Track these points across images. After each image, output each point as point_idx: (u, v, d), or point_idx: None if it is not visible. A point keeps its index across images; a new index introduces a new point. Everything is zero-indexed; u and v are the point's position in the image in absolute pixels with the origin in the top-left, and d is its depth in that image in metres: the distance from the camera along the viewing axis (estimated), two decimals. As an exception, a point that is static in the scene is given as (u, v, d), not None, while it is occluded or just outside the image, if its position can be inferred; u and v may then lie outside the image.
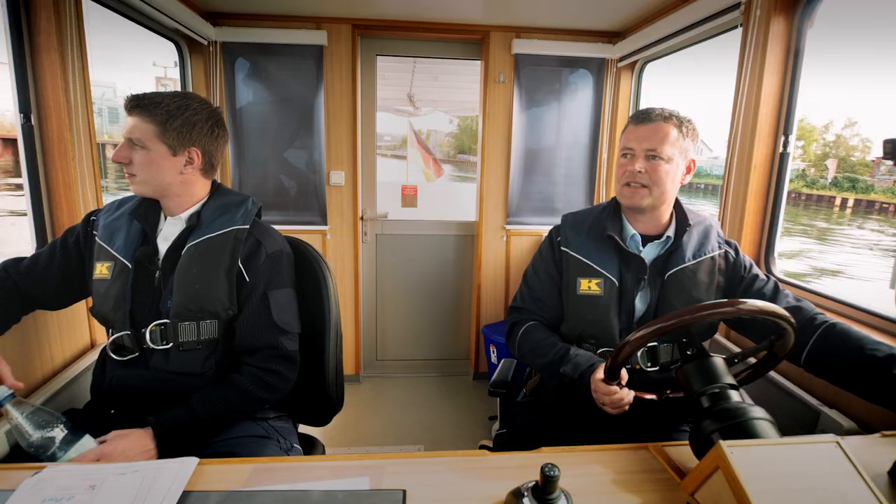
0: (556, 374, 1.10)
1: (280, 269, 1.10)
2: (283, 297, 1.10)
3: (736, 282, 1.15)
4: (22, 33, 1.28)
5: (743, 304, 0.80)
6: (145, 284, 1.06)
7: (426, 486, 0.72)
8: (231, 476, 0.74)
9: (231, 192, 1.15)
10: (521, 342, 1.20)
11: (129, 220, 1.08)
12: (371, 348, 2.92)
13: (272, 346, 1.05)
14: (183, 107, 1.02)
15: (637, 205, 1.13)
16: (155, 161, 1.02)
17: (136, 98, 1.01)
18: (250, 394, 1.03)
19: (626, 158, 1.14)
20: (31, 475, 0.71)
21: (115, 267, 1.05)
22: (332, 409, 1.25)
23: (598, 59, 2.53)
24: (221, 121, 1.10)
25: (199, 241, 1.05)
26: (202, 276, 1.03)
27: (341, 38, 2.42)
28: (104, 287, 1.05)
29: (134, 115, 1.01)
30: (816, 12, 1.48)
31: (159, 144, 1.01)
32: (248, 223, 1.09)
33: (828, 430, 1.14)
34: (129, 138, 1.01)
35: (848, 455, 0.65)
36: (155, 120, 1.00)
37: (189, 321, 1.02)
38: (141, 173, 1.02)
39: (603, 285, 1.14)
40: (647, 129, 1.11)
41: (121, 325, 1.04)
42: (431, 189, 4.84)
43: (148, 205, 1.10)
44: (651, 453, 0.82)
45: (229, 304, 1.05)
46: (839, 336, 0.96)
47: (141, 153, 1.01)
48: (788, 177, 1.57)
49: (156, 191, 1.05)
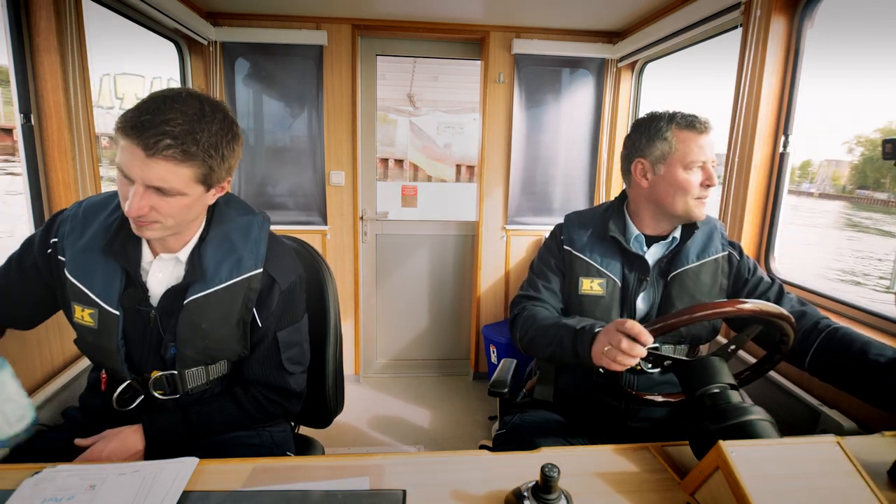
0: (554, 331, 1.04)
1: (293, 303, 1.02)
2: (294, 334, 1.03)
3: (740, 284, 1.14)
4: (22, 33, 1.28)
5: (744, 304, 0.81)
6: (139, 325, 0.93)
7: (426, 486, 0.72)
8: (231, 476, 0.74)
9: (231, 210, 0.99)
10: (527, 319, 1.14)
11: (105, 259, 0.89)
12: (371, 348, 2.92)
13: (280, 386, 1.02)
14: (220, 129, 0.82)
15: (704, 217, 1.12)
16: (190, 206, 0.84)
17: (159, 130, 0.75)
18: (248, 414, 1.00)
19: (699, 172, 1.07)
20: (31, 475, 0.71)
21: (99, 314, 0.89)
22: (332, 412, 1.25)
23: (598, 59, 2.53)
24: (235, 122, 0.90)
25: (207, 294, 0.91)
26: (212, 330, 0.92)
27: (341, 38, 2.42)
28: (91, 336, 0.91)
29: (161, 158, 0.76)
30: (816, 12, 1.48)
31: (197, 187, 0.83)
32: (260, 264, 0.95)
33: (828, 430, 1.14)
34: (157, 187, 0.79)
35: (848, 455, 0.65)
36: (196, 162, 0.80)
37: (197, 367, 0.96)
38: (168, 220, 0.83)
39: (605, 285, 1.14)
40: (709, 139, 1.08)
41: (118, 373, 0.95)
42: (432, 189, 4.84)
43: (124, 236, 0.90)
44: (651, 453, 0.82)
45: (241, 348, 0.98)
46: (843, 339, 0.95)
47: (171, 200, 0.81)
48: (788, 177, 1.57)
49: (173, 232, 0.88)
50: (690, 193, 1.07)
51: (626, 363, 0.84)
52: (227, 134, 0.84)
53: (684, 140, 1.07)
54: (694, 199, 1.08)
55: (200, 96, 0.82)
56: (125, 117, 0.77)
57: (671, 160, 1.08)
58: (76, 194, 1.39)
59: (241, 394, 1.01)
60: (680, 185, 1.07)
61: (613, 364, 0.85)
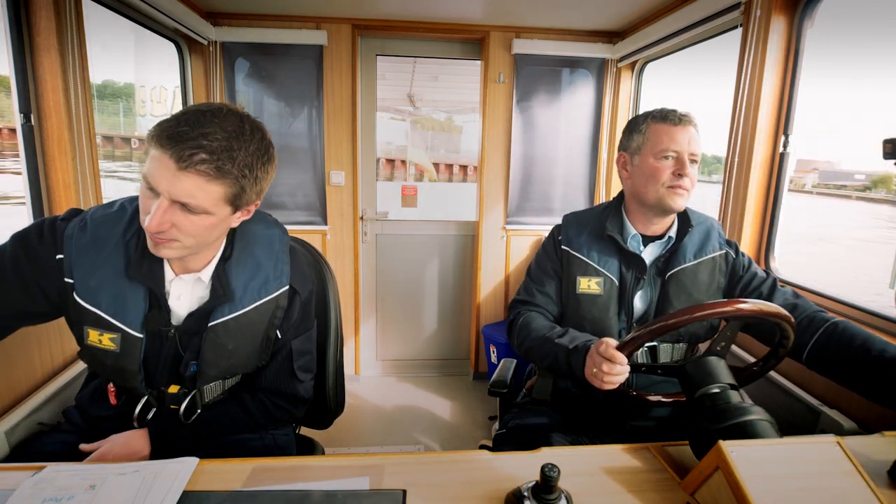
0: (549, 347, 1.07)
1: (309, 312, 1.01)
2: (307, 342, 1.03)
3: (735, 281, 1.15)
4: (22, 33, 1.28)
5: (744, 304, 0.81)
6: (157, 343, 0.90)
7: (426, 486, 0.72)
8: (231, 476, 0.74)
9: (252, 224, 0.94)
10: (522, 327, 1.18)
11: (128, 281, 0.85)
12: (371, 348, 2.92)
13: (289, 393, 1.02)
14: (256, 150, 0.79)
15: (681, 208, 1.12)
16: (214, 226, 0.80)
17: (196, 143, 0.72)
18: (254, 419, 1.00)
19: (669, 161, 1.09)
20: (31, 475, 0.71)
21: (122, 339, 0.85)
22: (333, 412, 1.25)
23: (598, 59, 2.53)
24: (272, 144, 0.86)
25: (236, 316, 0.89)
26: (238, 350, 0.91)
27: (341, 38, 2.42)
28: (111, 359, 0.87)
29: (193, 172, 0.72)
30: (816, 12, 1.48)
31: (225, 207, 0.79)
32: (286, 280, 0.93)
33: (828, 430, 1.14)
34: (183, 203, 0.74)
35: (848, 455, 0.65)
36: (228, 180, 0.76)
37: (216, 381, 0.96)
38: (188, 239, 0.79)
39: (603, 284, 1.15)
40: (685, 132, 1.08)
41: (135, 390, 0.92)
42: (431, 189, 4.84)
43: (149, 258, 0.85)
44: (651, 453, 0.82)
45: (261, 361, 0.97)
46: (844, 335, 0.95)
47: (195, 218, 0.77)
48: (788, 176, 1.57)
49: (192, 252, 0.84)
50: (661, 182, 1.09)
51: (613, 382, 0.89)
52: (264, 156, 0.81)
53: (656, 131, 1.10)
54: (666, 187, 1.09)
55: (241, 114, 0.79)
56: (161, 126, 0.73)
57: (644, 151, 1.12)
58: (76, 194, 1.39)
59: (248, 400, 1.00)
60: (650, 173, 1.10)
61: (603, 385, 0.90)
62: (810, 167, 27.53)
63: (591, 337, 1.06)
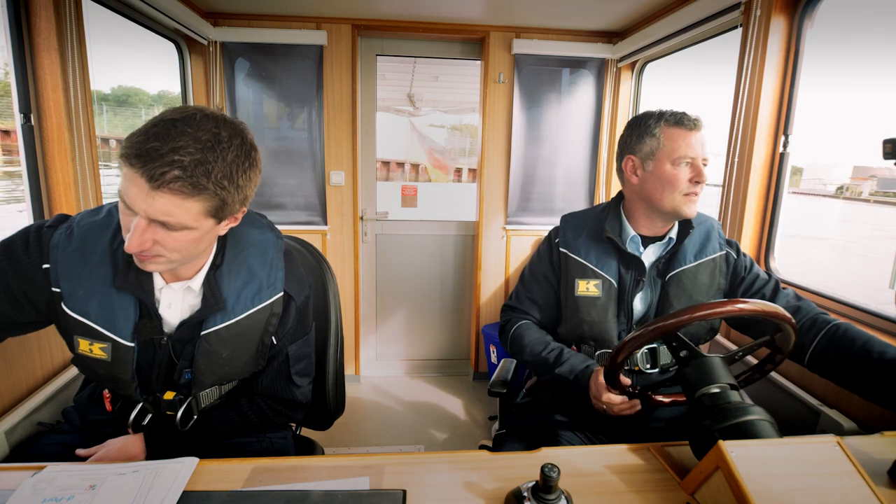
0: (548, 372, 1.11)
1: (306, 317, 0.99)
2: (304, 346, 1.01)
3: (737, 282, 1.15)
4: (22, 33, 1.28)
5: (744, 305, 0.80)
6: (150, 351, 0.89)
7: (426, 486, 0.72)
8: (231, 476, 0.74)
9: (244, 228, 0.92)
10: (514, 339, 1.21)
11: (117, 290, 0.83)
12: (371, 348, 2.92)
13: (286, 398, 1.01)
14: (236, 158, 0.73)
15: (694, 215, 1.11)
16: (199, 239, 0.77)
17: (166, 160, 0.67)
18: (251, 423, 1.00)
19: (686, 168, 1.07)
20: (31, 475, 0.71)
21: (113, 348, 0.83)
22: (333, 413, 1.25)
23: (598, 59, 2.53)
24: (255, 147, 0.80)
25: (228, 325, 0.87)
26: (234, 357, 0.90)
27: (341, 38, 2.42)
28: (102, 368, 0.86)
29: (167, 191, 0.68)
30: (816, 12, 1.48)
31: (207, 220, 0.76)
32: (281, 287, 0.91)
33: (828, 430, 1.14)
34: (161, 221, 0.71)
35: (848, 455, 0.65)
36: (206, 195, 0.71)
37: (212, 388, 0.94)
38: (173, 254, 0.76)
39: (601, 286, 1.14)
40: (699, 136, 1.07)
41: (130, 397, 0.91)
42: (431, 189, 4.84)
43: (137, 267, 0.81)
44: (651, 453, 0.82)
45: (256, 367, 0.96)
46: (845, 337, 0.95)
47: (177, 234, 0.73)
48: (788, 177, 1.57)
49: (179, 265, 0.82)
50: (678, 189, 1.07)
51: (614, 412, 0.97)
52: (245, 162, 0.75)
53: (672, 136, 1.07)
54: (682, 195, 1.08)
55: (217, 118, 0.73)
56: (130, 142, 0.68)
57: (659, 156, 1.08)
58: (76, 194, 1.39)
59: (245, 404, 0.99)
60: (667, 180, 1.07)
61: (609, 413, 0.97)
62: (868, 174, 25.20)
63: (584, 359, 1.09)
